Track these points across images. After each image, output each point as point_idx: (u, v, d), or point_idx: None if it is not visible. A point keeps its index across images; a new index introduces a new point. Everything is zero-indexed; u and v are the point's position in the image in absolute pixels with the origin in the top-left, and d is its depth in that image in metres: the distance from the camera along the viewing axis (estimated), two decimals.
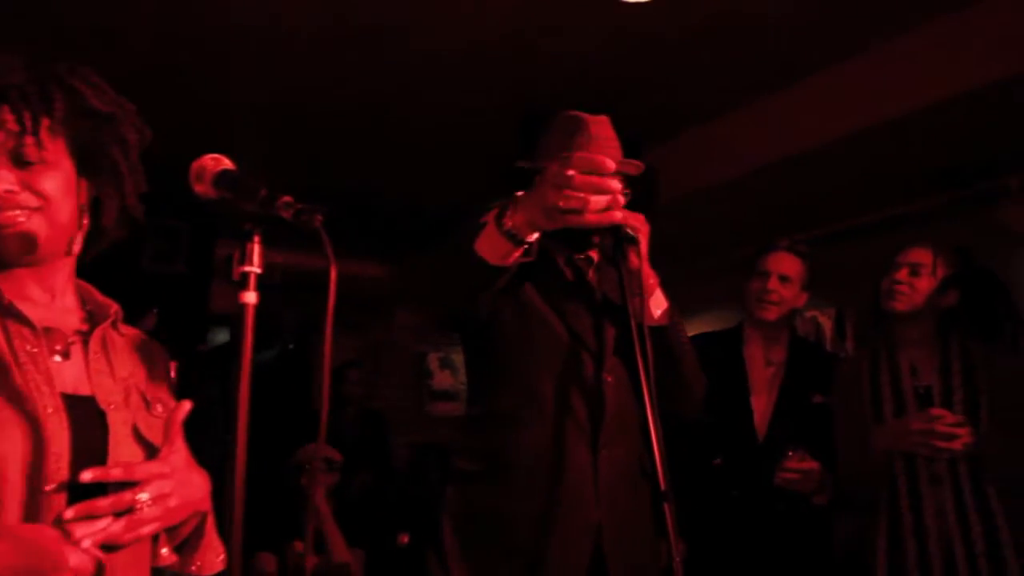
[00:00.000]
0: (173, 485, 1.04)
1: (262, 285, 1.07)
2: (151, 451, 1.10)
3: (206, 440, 1.37)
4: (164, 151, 1.24)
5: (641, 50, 2.98)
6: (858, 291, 2.53)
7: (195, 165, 1.09)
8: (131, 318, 1.26)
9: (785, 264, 2.40)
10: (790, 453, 2.18)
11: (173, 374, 1.30)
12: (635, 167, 1.74)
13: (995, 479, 1.99)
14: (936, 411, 2.01)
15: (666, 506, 1.36)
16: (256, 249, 1.04)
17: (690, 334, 2.38)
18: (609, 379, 1.69)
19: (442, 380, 5.79)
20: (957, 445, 1.98)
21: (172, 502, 1.04)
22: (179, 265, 4.46)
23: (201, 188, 1.08)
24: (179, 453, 1.08)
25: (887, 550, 2.06)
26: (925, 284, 2.14)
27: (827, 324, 4.34)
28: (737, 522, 2.28)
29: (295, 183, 1.18)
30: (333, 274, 1.02)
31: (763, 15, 2.74)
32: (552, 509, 1.61)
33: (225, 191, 1.06)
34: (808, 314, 4.35)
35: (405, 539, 3.64)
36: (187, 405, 1.13)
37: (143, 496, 1.00)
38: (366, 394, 5.08)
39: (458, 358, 5.77)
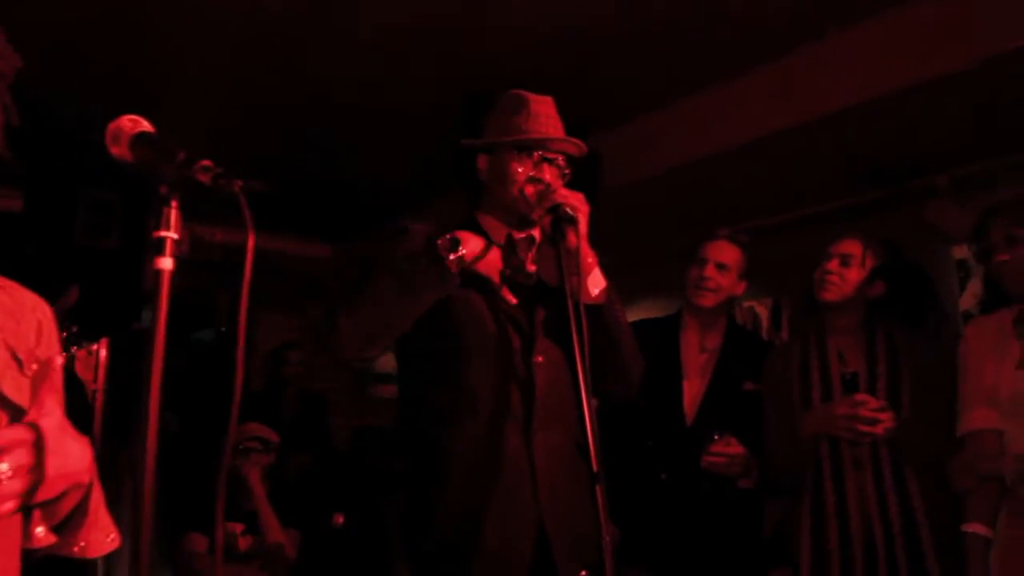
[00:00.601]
0: (38, 454, 0.91)
1: (202, 264, 1.04)
2: (17, 415, 1.00)
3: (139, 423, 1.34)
4: (99, 119, 1.20)
5: (590, 36, 2.99)
6: (794, 282, 2.60)
7: (112, 126, 1.06)
8: (57, 294, 1.22)
9: (724, 252, 2.46)
10: (716, 437, 2.24)
11: (103, 351, 1.25)
12: (576, 146, 1.77)
13: (913, 462, 2.08)
14: (861, 396, 2.09)
15: (597, 488, 1.37)
16: (173, 214, 1.01)
17: (631, 320, 2.43)
18: (540, 360, 1.71)
19: (384, 362, 5.76)
20: (879, 429, 2.06)
21: (41, 474, 0.91)
22: (113, 240, 4.33)
23: (118, 150, 1.06)
24: (50, 417, 0.95)
25: (811, 530, 2.13)
26: (855, 275, 2.22)
27: (764, 314, 4.45)
28: (666, 504, 2.33)
29: (237, 159, 1.16)
30: (251, 242, 1.00)
31: (710, 8, 2.78)
32: (491, 501, 1.63)
33: (143, 154, 1.04)
34: (746, 304, 4.45)
35: (340, 519, 3.62)
36: (58, 360, 1.08)
37: (2, 467, 0.87)
38: (306, 375, 5.02)
39: None
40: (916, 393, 2.12)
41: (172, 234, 1.00)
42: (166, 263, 1.00)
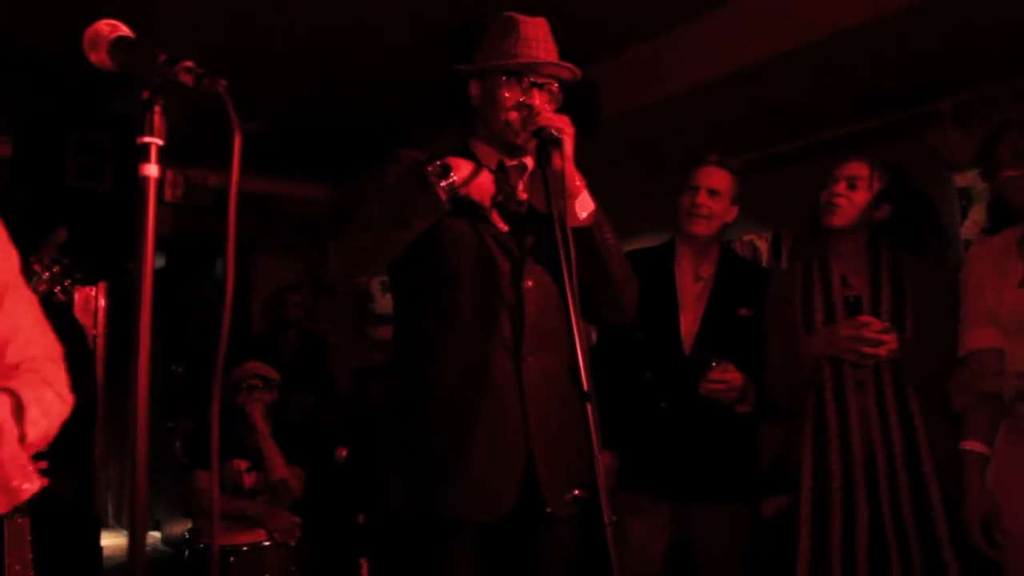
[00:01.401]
0: None
1: (198, 208, 1.02)
2: None
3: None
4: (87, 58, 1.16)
5: None
6: (794, 213, 2.58)
7: (89, 32, 1.03)
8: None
9: (714, 178, 2.42)
10: (713, 364, 2.24)
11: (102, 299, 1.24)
12: (568, 70, 1.73)
13: (916, 383, 2.09)
14: (864, 318, 2.09)
15: (587, 406, 1.37)
16: (157, 120, 0.98)
17: (625, 250, 2.42)
18: (529, 284, 1.71)
19: (384, 304, 5.76)
20: (882, 351, 2.06)
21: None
22: (105, 183, 4.28)
23: (96, 56, 1.03)
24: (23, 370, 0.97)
25: (812, 452, 2.16)
26: (861, 197, 2.20)
27: (764, 247, 4.43)
28: (666, 432, 2.34)
29: (233, 99, 1.12)
30: (237, 143, 0.97)
31: None
32: (479, 424, 1.65)
33: (122, 58, 1.01)
34: (746, 237, 4.44)
35: (343, 453, 3.67)
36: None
37: None
38: (307, 317, 5.03)
39: None
40: (920, 315, 2.11)
41: (157, 140, 0.97)
42: (151, 170, 0.97)
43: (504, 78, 1.71)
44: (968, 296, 2.03)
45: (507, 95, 1.71)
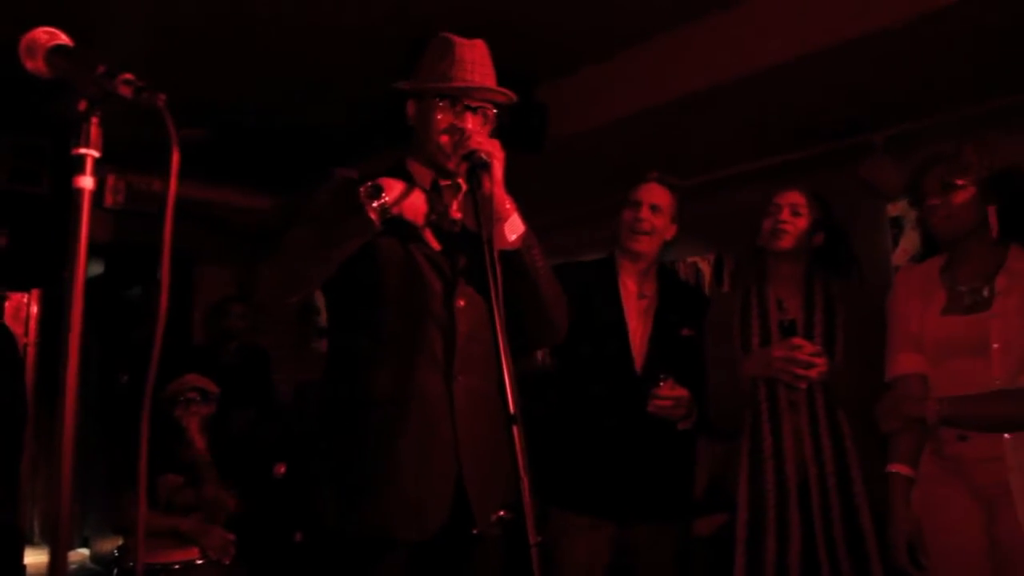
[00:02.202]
0: None
1: (142, 215, 1.01)
2: None
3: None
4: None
5: None
6: (736, 236, 2.65)
7: (26, 38, 1.00)
8: None
9: (656, 194, 2.47)
10: (661, 382, 2.28)
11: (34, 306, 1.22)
12: (503, 95, 1.75)
13: (846, 405, 2.16)
14: (797, 341, 2.15)
15: (514, 429, 1.38)
16: (93, 131, 0.97)
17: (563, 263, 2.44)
18: (460, 303, 1.73)
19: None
20: (814, 373, 2.12)
21: None
22: (43, 186, 4.16)
23: (32, 64, 1.01)
24: None
25: (748, 471, 2.21)
26: (802, 223, 2.28)
27: (706, 269, 4.52)
28: (611, 451, 2.36)
29: (179, 107, 1.11)
30: (175, 159, 0.97)
31: None
32: (409, 442, 1.66)
33: (60, 67, 0.99)
34: (689, 259, 4.53)
35: (282, 469, 3.62)
36: None
37: None
38: (249, 328, 4.95)
39: None
40: (849, 340, 2.19)
41: (93, 152, 0.96)
42: (86, 182, 0.96)
43: (438, 101, 1.73)
44: (894, 322, 2.11)
45: (439, 118, 1.72)
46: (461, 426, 1.69)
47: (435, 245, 1.76)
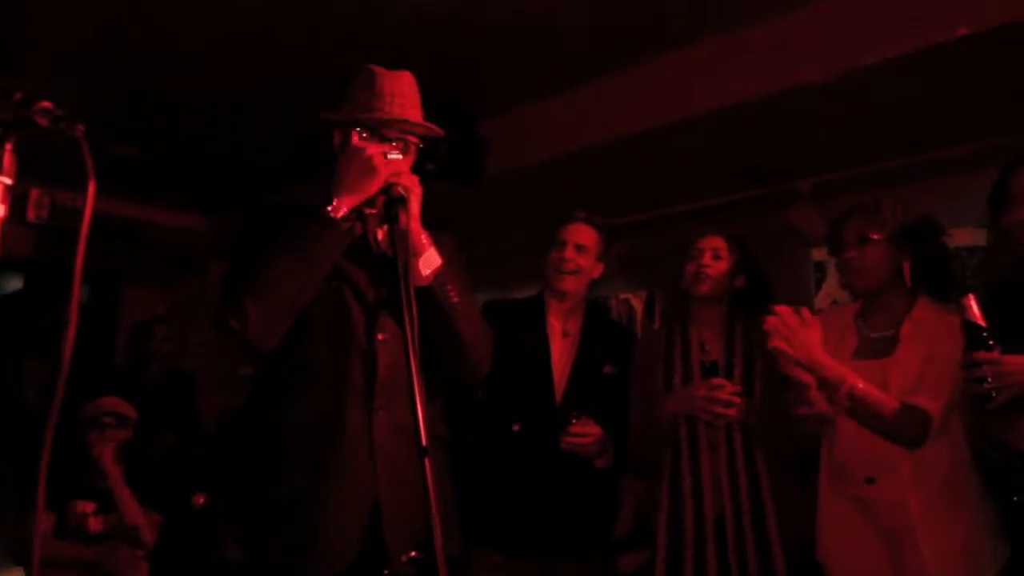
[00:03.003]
0: None
1: (66, 233, 0.99)
2: None
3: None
4: None
5: (479, 24, 2.99)
6: (668, 275, 2.71)
7: None
8: None
9: (581, 234, 2.52)
10: (574, 419, 2.30)
11: None
12: (424, 129, 1.77)
13: (762, 445, 2.22)
14: (718, 380, 2.21)
15: (426, 461, 1.38)
16: (7, 158, 0.96)
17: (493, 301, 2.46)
18: (381, 337, 1.72)
19: None
20: (733, 412, 2.18)
21: None
22: None
23: None
24: None
25: (668, 509, 2.24)
26: (723, 267, 2.35)
27: (639, 306, 4.60)
28: (531, 487, 2.37)
29: (110, 123, 1.08)
30: (91, 189, 0.97)
31: (594, 4, 2.84)
32: (328, 474, 1.64)
33: None
34: (622, 295, 4.60)
35: (200, 500, 3.51)
36: None
37: None
38: (174, 352, 4.82)
39: None
40: (767, 382, 2.25)
41: (6, 179, 0.95)
42: None
43: (359, 131, 1.74)
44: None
45: (357, 143, 1.72)
46: (381, 460, 1.66)
47: (359, 276, 1.75)
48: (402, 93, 1.77)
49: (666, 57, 3.22)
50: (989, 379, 1.72)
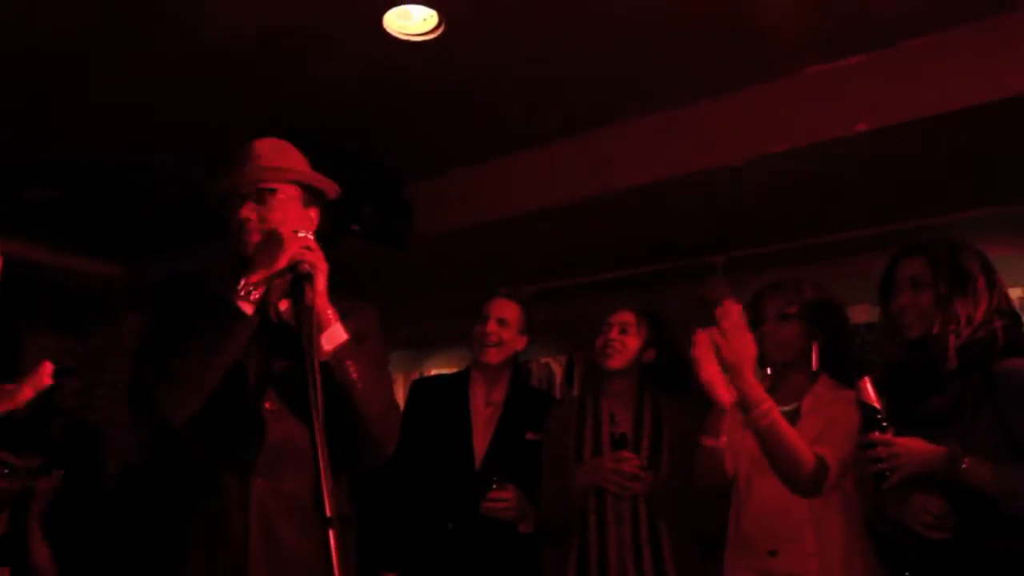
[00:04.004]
0: None
1: None
2: None
3: None
4: None
5: (412, 88, 3.05)
6: (588, 340, 2.78)
7: None
8: None
9: (503, 309, 2.62)
10: (494, 485, 2.33)
11: None
12: (296, 175, 1.75)
13: (666, 518, 2.28)
14: (625, 454, 2.27)
15: (330, 532, 1.36)
16: None
17: (432, 371, 2.49)
18: (268, 407, 1.70)
19: None
20: (638, 486, 2.24)
21: None
22: None
23: None
24: None
25: None
26: (632, 342, 2.43)
27: (558, 370, 4.67)
28: (452, 554, 2.39)
29: (20, 165, 1.06)
30: None
31: (520, 79, 2.95)
32: (197, 537, 1.63)
33: None
34: (542, 360, 4.66)
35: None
36: None
37: None
38: (81, 405, 4.62)
39: None
40: (674, 456, 2.32)
41: None
42: None
43: (246, 199, 1.72)
44: None
45: (243, 214, 1.71)
46: (256, 530, 1.63)
47: (256, 345, 1.71)
48: (275, 147, 1.76)
49: (585, 134, 3.35)
50: (884, 460, 1.81)
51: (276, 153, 1.76)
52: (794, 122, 2.86)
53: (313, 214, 1.79)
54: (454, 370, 2.89)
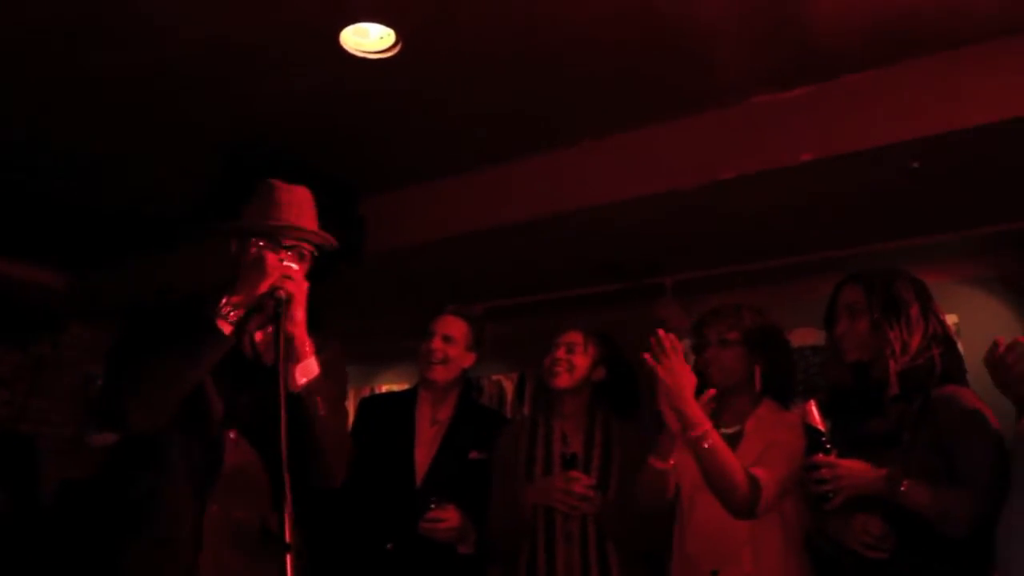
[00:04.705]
0: None
1: None
2: None
3: None
4: None
5: (368, 105, 3.05)
6: (537, 361, 2.79)
7: None
8: None
9: (450, 326, 2.60)
10: (433, 505, 2.31)
11: None
12: (320, 237, 1.84)
13: (614, 537, 2.29)
14: (575, 474, 2.28)
15: (287, 556, 1.38)
16: None
17: (384, 388, 2.47)
18: (231, 436, 1.74)
19: None
20: (588, 506, 2.25)
21: None
22: None
23: None
24: None
25: None
26: (580, 361, 2.44)
27: (509, 387, 4.68)
28: (391, 574, 2.36)
29: None
30: None
31: (482, 98, 2.96)
32: (147, 557, 1.65)
33: None
34: (494, 377, 4.67)
35: None
36: None
37: None
38: (15, 416, 4.49)
39: None
40: (623, 477, 2.33)
41: None
42: None
43: (257, 240, 1.78)
44: None
45: (252, 254, 1.77)
46: (206, 557, 1.65)
47: (224, 374, 1.75)
48: (297, 203, 1.82)
49: (541, 155, 3.38)
50: (827, 481, 1.87)
51: (301, 208, 1.83)
52: (742, 150, 2.94)
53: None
54: (405, 387, 2.87)
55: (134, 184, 3.84)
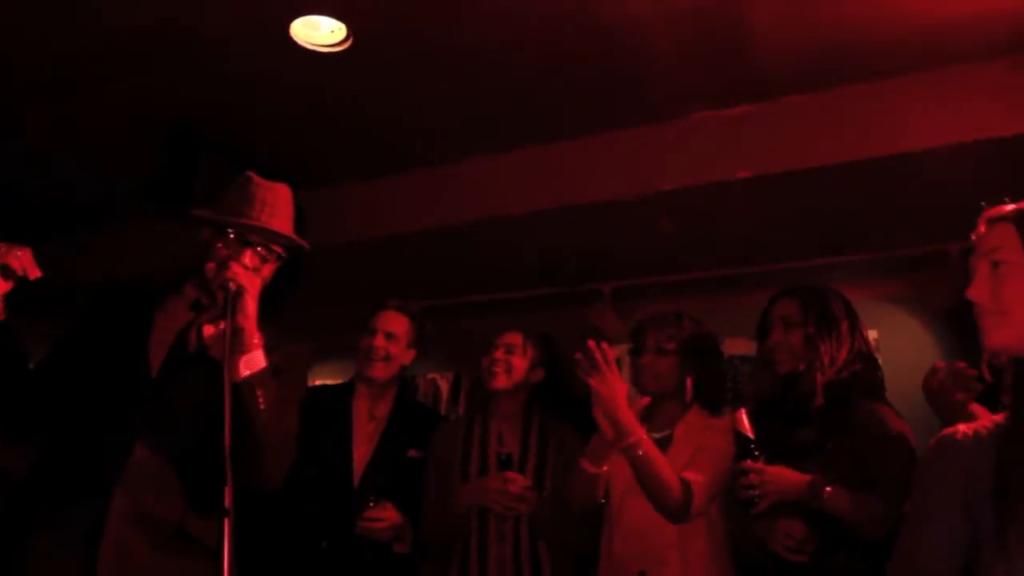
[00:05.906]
0: None
1: None
2: None
3: None
4: None
5: (313, 98, 3.02)
6: (475, 358, 2.80)
7: None
8: None
9: (392, 322, 2.56)
10: (371, 503, 2.29)
11: None
12: (288, 240, 1.84)
13: (546, 538, 2.32)
14: (511, 475, 2.30)
15: (225, 520, 1.37)
16: None
17: (317, 382, 2.43)
18: (148, 427, 1.72)
19: None
20: (523, 506, 2.28)
21: None
22: None
23: None
24: None
25: None
26: (518, 362, 2.46)
27: (445, 386, 4.67)
28: (325, 573, 2.33)
29: None
30: None
31: (427, 99, 2.98)
32: (42, 548, 1.64)
33: None
34: (429, 375, 4.66)
35: None
36: None
37: None
38: None
39: None
40: (558, 477, 2.36)
41: None
42: None
43: (228, 232, 1.78)
44: None
45: (219, 246, 1.78)
46: (108, 542, 1.63)
47: (174, 370, 1.77)
48: (273, 203, 1.81)
49: (479, 158, 3.40)
50: (754, 486, 1.93)
51: (276, 208, 1.82)
52: (682, 163, 3.01)
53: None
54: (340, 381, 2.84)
55: (55, 170, 3.71)
